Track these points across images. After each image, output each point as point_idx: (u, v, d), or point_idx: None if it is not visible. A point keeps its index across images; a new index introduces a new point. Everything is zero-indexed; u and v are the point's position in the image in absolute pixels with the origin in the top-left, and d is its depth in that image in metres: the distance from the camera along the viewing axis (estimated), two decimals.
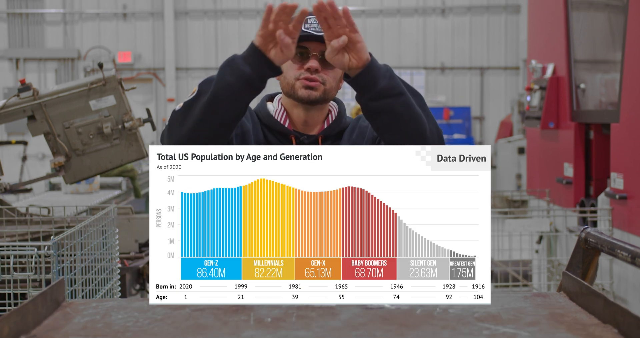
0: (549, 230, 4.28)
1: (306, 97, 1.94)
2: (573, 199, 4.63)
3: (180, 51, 13.09)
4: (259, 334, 1.19)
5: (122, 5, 13.06)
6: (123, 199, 5.53)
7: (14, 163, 12.02)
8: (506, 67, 13.08)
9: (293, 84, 1.95)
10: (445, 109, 12.83)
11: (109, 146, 3.25)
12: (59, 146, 3.21)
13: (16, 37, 12.93)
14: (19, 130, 11.94)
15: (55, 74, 12.94)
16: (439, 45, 13.12)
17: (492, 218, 4.49)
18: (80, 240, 2.34)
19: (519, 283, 4.57)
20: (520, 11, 12.87)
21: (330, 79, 1.95)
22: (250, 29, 13.08)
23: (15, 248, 2.33)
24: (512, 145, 10.86)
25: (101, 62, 3.28)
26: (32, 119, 3.21)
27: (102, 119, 3.22)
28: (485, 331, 1.21)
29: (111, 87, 3.22)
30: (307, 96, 1.93)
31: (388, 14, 13.08)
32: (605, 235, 1.64)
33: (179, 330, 1.22)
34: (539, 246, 4.94)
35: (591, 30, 4.75)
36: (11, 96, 3.21)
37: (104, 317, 1.30)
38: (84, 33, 13.03)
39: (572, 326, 1.24)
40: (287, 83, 1.97)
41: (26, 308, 1.21)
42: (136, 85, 3.75)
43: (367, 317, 1.29)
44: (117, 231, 2.73)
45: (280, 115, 2.03)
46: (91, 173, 3.30)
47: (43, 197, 5.08)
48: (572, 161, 4.66)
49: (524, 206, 8.07)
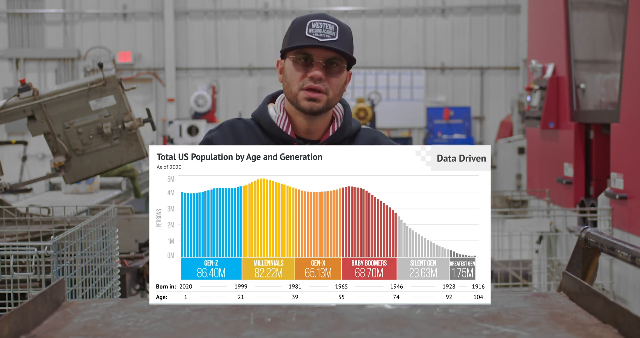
0: (549, 230, 4.28)
1: (309, 109, 1.91)
2: (573, 199, 4.63)
3: (180, 51, 13.09)
4: (259, 334, 1.19)
5: (122, 5, 13.06)
6: (123, 199, 5.53)
7: (14, 163, 12.01)
8: (506, 67, 13.08)
9: (296, 94, 1.92)
10: (445, 109, 12.83)
11: (109, 146, 3.25)
12: (59, 146, 3.21)
13: (16, 37, 12.93)
14: (19, 130, 11.94)
15: (55, 74, 12.94)
16: (439, 45, 13.12)
17: (492, 218, 4.49)
18: (80, 240, 2.34)
19: (519, 283, 4.57)
20: (520, 11, 12.86)
21: (334, 87, 1.93)
22: (250, 29, 13.08)
23: (15, 248, 2.33)
24: (512, 145, 10.86)
25: (101, 62, 3.27)
26: (32, 119, 3.21)
27: (102, 119, 3.22)
28: (485, 331, 1.21)
29: (111, 87, 3.22)
30: (310, 108, 1.91)
31: (388, 14, 13.07)
32: (605, 235, 1.64)
33: (179, 330, 1.22)
34: (539, 246, 4.94)
35: (591, 30, 4.74)
36: (11, 96, 3.21)
37: (104, 317, 1.30)
38: (84, 33, 13.03)
39: (572, 326, 1.24)
40: (290, 91, 1.93)
41: (26, 308, 1.21)
42: (136, 85, 3.75)
43: (367, 317, 1.29)
44: (117, 231, 2.72)
45: (282, 122, 1.99)
46: (91, 173, 3.30)
47: (43, 197, 5.08)
48: (572, 161, 4.66)
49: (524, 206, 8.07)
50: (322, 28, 1.89)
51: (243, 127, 2.01)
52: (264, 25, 13.11)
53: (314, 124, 1.98)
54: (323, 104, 1.92)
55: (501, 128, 12.33)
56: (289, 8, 13.05)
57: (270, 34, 13.11)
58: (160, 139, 12.35)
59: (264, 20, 13.12)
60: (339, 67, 1.93)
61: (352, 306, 1.37)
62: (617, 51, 4.22)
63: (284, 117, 1.99)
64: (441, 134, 12.74)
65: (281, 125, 1.99)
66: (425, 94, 13.10)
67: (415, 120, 13.07)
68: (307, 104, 1.90)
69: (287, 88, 1.95)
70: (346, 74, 1.98)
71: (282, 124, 1.99)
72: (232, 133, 2.00)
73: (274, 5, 13.10)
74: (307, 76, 1.90)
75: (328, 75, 1.91)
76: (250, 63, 13.12)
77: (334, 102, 1.95)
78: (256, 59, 13.13)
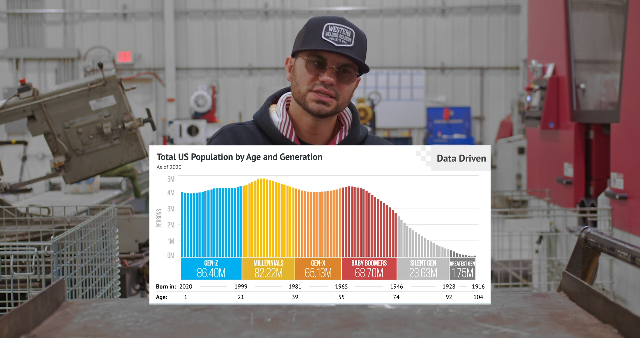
0: (549, 230, 4.28)
1: (317, 111, 1.88)
2: (573, 199, 4.63)
3: (180, 51, 13.09)
4: (259, 334, 1.19)
5: (122, 5, 13.06)
6: (123, 199, 5.53)
7: (14, 163, 12.03)
8: (506, 67, 13.08)
9: (305, 95, 1.89)
10: (446, 109, 12.83)
11: (109, 146, 3.25)
12: (59, 146, 3.21)
13: (16, 37, 12.93)
14: (19, 130, 11.94)
15: (55, 74, 12.94)
16: (439, 45, 13.12)
17: (492, 218, 4.49)
18: (80, 240, 2.34)
19: (519, 283, 4.57)
20: (520, 11, 12.86)
21: (344, 93, 1.90)
22: (250, 29, 13.08)
23: (16, 248, 2.33)
24: (512, 145, 10.86)
25: (101, 62, 3.27)
26: (32, 119, 3.21)
27: (102, 119, 3.22)
28: (485, 331, 1.21)
29: (111, 87, 3.22)
30: (318, 111, 1.88)
31: (388, 14, 13.07)
32: (605, 235, 1.64)
33: (179, 330, 1.22)
34: (539, 246, 4.94)
35: (591, 30, 4.74)
36: (11, 96, 3.21)
37: (104, 317, 1.30)
38: (84, 33, 13.03)
39: (572, 326, 1.24)
40: (299, 91, 1.90)
41: (26, 308, 1.21)
42: (136, 85, 3.75)
43: (367, 317, 1.29)
44: (117, 231, 2.72)
45: (285, 128, 1.96)
46: (91, 173, 3.30)
47: (43, 197, 5.08)
48: (572, 161, 4.66)
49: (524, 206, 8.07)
50: (339, 33, 1.86)
51: (244, 132, 1.98)
52: (264, 26, 13.11)
53: (319, 126, 1.96)
54: (332, 108, 1.89)
55: (501, 128, 12.34)
56: (289, 8, 13.05)
57: (270, 34, 13.11)
58: (160, 139, 12.35)
59: (264, 20, 13.12)
60: (351, 74, 1.90)
61: (352, 306, 1.37)
62: (617, 51, 4.22)
63: (286, 124, 1.96)
64: (441, 134, 12.74)
65: (284, 132, 1.95)
66: (425, 94, 13.10)
67: (415, 120, 13.07)
68: (316, 106, 1.88)
69: (296, 88, 1.92)
70: (356, 81, 1.96)
71: (285, 130, 1.96)
72: (233, 139, 1.96)
73: (274, 5, 13.10)
74: (319, 80, 1.87)
75: (340, 81, 1.88)
76: (250, 63, 13.12)
77: (342, 107, 1.93)
78: (256, 59, 13.13)
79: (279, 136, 1.95)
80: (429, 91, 13.13)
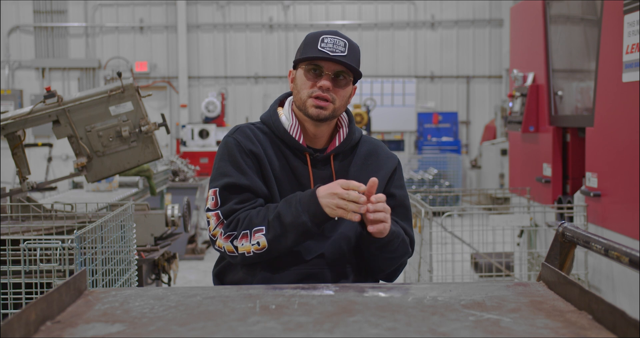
0: (530, 224, 4.28)
1: (316, 115, 1.92)
2: (551, 197, 4.63)
3: (192, 61, 13.08)
4: (264, 320, 1.19)
5: (139, 19, 13.05)
6: (140, 197, 5.52)
7: (40, 163, 12.03)
8: (490, 76, 13.07)
9: (305, 101, 1.93)
10: (435, 114, 12.82)
11: (127, 148, 3.25)
12: (81, 148, 3.21)
13: (42, 49, 12.92)
14: (45, 133, 11.94)
15: (78, 82, 12.93)
16: (429, 56, 13.11)
17: (478, 214, 4.49)
18: (101, 233, 2.34)
19: (502, 273, 4.56)
20: (503, 25, 12.86)
21: (340, 97, 1.94)
22: (256, 41, 13.08)
23: (42, 241, 2.33)
24: (496, 147, 10.85)
25: (120, 72, 3.27)
26: (56, 124, 3.20)
27: (120, 124, 3.22)
28: (471, 317, 1.21)
29: (129, 94, 3.22)
30: (317, 115, 1.92)
31: (382, 27, 13.06)
32: (581, 229, 1.64)
33: (191, 316, 1.22)
34: (520, 240, 4.94)
35: (568, 42, 4.74)
36: (38, 102, 3.21)
37: (122, 304, 1.30)
38: (104, 45, 13.02)
39: (551, 312, 1.24)
40: (300, 98, 1.95)
41: (51, 296, 1.21)
42: (152, 92, 3.75)
43: (363, 304, 1.29)
44: (134, 226, 2.72)
45: (294, 130, 1.99)
46: (111, 173, 3.29)
47: (67, 195, 5.07)
48: (551, 162, 4.66)
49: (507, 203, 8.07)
50: (334, 44, 1.90)
51: (258, 131, 2.01)
52: (268, 38, 13.09)
53: (319, 130, 1.99)
54: (329, 112, 1.93)
55: (486, 131, 12.33)
56: (292, 22, 13.03)
57: (275, 45, 13.10)
58: (174, 141, 12.34)
59: (268, 33, 13.11)
60: (346, 80, 1.94)
61: (349, 294, 1.37)
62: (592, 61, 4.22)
63: (296, 126, 1.99)
64: (431, 137, 12.73)
65: (294, 134, 1.99)
66: (416, 100, 13.09)
67: (407, 124, 13.06)
68: (315, 111, 1.92)
69: (297, 95, 1.96)
70: (352, 88, 2.00)
71: (294, 132, 1.99)
72: (251, 136, 1.99)
73: (278, 19, 13.08)
74: (317, 86, 1.91)
75: (335, 86, 1.92)
76: (256, 72, 13.11)
77: (339, 111, 1.96)
78: (261, 69, 13.11)
79: (289, 137, 1.98)
80: (419, 97, 13.11)
